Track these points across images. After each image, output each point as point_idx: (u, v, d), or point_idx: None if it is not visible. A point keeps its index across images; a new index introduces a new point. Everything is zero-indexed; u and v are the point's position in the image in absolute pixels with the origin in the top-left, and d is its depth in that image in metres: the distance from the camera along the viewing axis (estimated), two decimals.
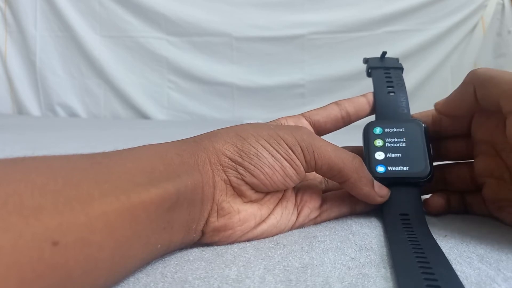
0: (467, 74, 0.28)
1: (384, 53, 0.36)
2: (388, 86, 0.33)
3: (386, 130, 0.31)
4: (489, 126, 0.28)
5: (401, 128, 0.30)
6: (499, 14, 1.56)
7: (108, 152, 0.20)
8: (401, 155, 0.29)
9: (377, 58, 0.36)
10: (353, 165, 0.25)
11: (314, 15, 1.60)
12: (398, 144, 0.30)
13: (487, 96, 0.26)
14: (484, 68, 0.27)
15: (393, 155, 0.29)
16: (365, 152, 0.30)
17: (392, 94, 0.33)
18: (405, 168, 0.29)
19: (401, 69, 0.35)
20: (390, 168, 0.29)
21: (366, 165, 0.28)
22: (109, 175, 0.18)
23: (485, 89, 0.26)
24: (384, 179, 0.28)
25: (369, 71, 0.35)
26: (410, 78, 1.50)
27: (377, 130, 0.31)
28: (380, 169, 0.29)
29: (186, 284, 0.18)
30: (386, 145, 0.30)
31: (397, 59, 0.36)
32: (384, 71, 0.34)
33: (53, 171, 0.16)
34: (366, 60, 0.36)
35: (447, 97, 0.29)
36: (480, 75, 0.26)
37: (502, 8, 1.56)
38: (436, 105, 0.30)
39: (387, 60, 0.36)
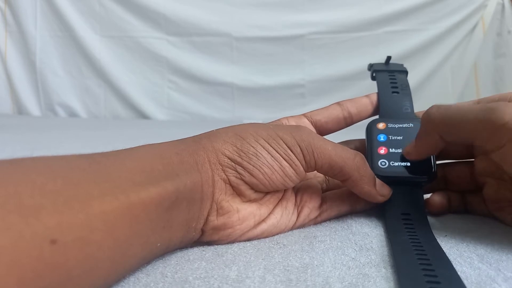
0: (422, 120, 0.26)
1: (389, 57, 0.36)
2: (392, 87, 0.33)
3: (390, 126, 0.31)
4: None
5: (405, 126, 0.30)
6: (499, 14, 1.56)
7: (107, 152, 0.20)
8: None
9: (382, 63, 0.36)
10: (354, 163, 0.25)
11: (314, 15, 1.60)
12: (401, 141, 0.30)
13: (457, 139, 0.25)
14: (437, 111, 0.25)
15: (396, 151, 0.29)
16: (367, 148, 0.30)
17: (396, 94, 0.33)
18: (408, 164, 0.29)
19: (405, 72, 0.35)
20: (392, 163, 0.29)
21: (368, 160, 0.28)
22: (108, 175, 0.18)
23: (452, 134, 0.25)
24: (386, 178, 0.28)
25: (374, 74, 0.35)
26: (410, 78, 1.48)
27: (381, 126, 0.31)
28: (383, 163, 0.29)
29: (186, 284, 0.18)
30: (390, 140, 0.30)
31: (401, 64, 0.36)
32: (389, 74, 0.34)
33: (53, 171, 0.17)
34: (370, 66, 0.36)
35: (415, 146, 0.28)
36: (438, 121, 0.25)
37: (502, 8, 1.56)
38: (407, 155, 0.29)
39: (392, 65, 0.36)
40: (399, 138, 0.30)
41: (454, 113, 0.24)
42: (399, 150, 0.29)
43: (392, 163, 0.29)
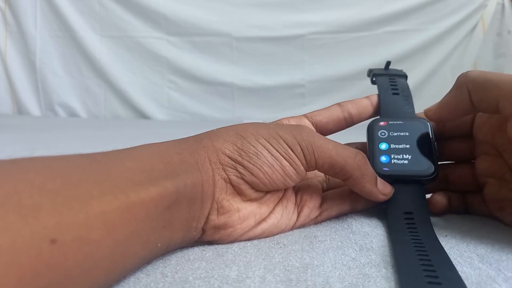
0: (459, 78, 0.27)
1: (389, 62, 0.36)
2: (392, 89, 0.33)
3: (391, 123, 0.31)
4: (491, 127, 0.28)
5: (406, 124, 0.30)
6: (499, 14, 1.56)
7: (107, 151, 0.20)
8: (406, 148, 0.29)
9: (381, 68, 0.36)
10: (355, 162, 0.25)
11: (314, 15, 1.60)
12: (403, 138, 0.30)
13: (484, 99, 0.25)
14: (477, 71, 0.26)
15: (398, 146, 0.29)
16: (369, 145, 0.30)
17: (397, 95, 0.33)
18: (409, 160, 0.29)
19: (405, 76, 0.35)
20: (394, 159, 0.29)
21: (370, 160, 0.27)
22: (108, 174, 0.18)
23: (482, 92, 0.25)
24: (388, 177, 0.28)
25: (373, 79, 0.35)
26: (410, 78, 1.49)
27: (382, 123, 0.31)
28: (384, 159, 0.29)
29: (186, 284, 0.18)
30: (391, 136, 0.30)
31: (401, 70, 0.36)
32: (389, 78, 0.35)
33: (52, 170, 0.16)
34: (370, 71, 0.36)
35: (439, 103, 0.29)
36: (474, 78, 0.26)
37: (502, 8, 1.56)
38: (427, 111, 0.30)
39: (391, 70, 0.36)
40: (400, 134, 0.30)
41: (491, 73, 0.25)
42: (401, 146, 0.29)
43: (393, 157, 0.29)
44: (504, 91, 0.24)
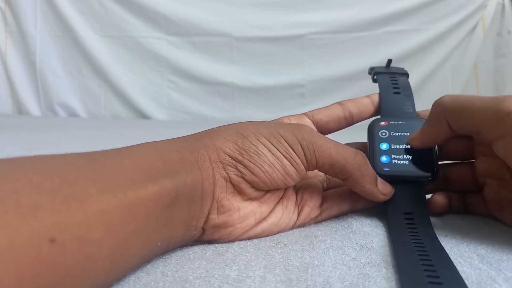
0: (433, 106, 0.27)
1: (390, 60, 0.36)
2: (394, 88, 0.33)
3: (392, 123, 0.31)
4: None
5: (407, 124, 0.30)
6: (499, 14, 1.56)
7: (105, 150, 0.20)
8: (406, 148, 0.29)
9: (383, 66, 0.36)
10: (356, 162, 0.25)
11: (314, 15, 1.60)
12: (403, 138, 0.30)
13: (463, 127, 0.26)
14: (450, 98, 0.26)
15: (398, 147, 0.29)
16: (369, 144, 0.30)
17: (398, 95, 0.33)
18: (409, 160, 0.29)
19: (406, 75, 0.35)
20: (394, 159, 0.29)
21: (370, 160, 0.27)
22: (106, 173, 0.18)
23: (460, 121, 0.25)
24: (389, 177, 0.28)
25: (375, 77, 0.35)
26: (410, 78, 1.49)
27: (383, 123, 0.31)
28: (384, 159, 0.29)
29: (186, 283, 0.18)
30: (391, 136, 0.30)
31: (402, 68, 0.36)
32: (390, 76, 0.35)
33: (50, 170, 0.16)
34: (371, 69, 0.36)
35: (421, 132, 0.28)
36: (449, 106, 0.26)
37: (502, 8, 1.56)
38: (411, 141, 0.29)
39: (393, 68, 0.36)
40: (401, 134, 0.30)
41: (464, 100, 0.25)
42: (401, 146, 0.29)
43: (394, 157, 0.29)
44: (480, 118, 0.24)
